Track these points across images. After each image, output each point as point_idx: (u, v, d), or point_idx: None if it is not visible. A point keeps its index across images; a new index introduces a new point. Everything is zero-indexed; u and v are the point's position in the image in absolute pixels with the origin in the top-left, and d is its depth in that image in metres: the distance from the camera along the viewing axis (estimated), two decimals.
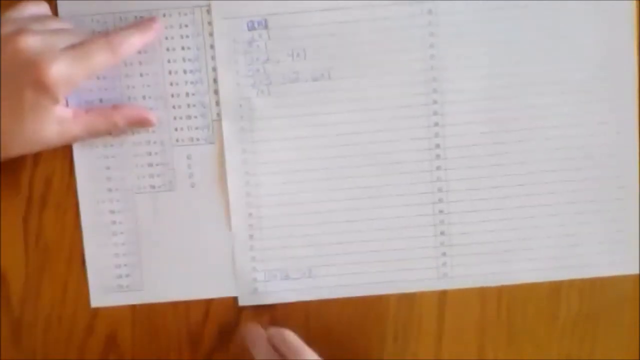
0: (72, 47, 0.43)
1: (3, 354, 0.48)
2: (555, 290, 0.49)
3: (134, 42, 0.45)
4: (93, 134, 0.46)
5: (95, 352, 0.49)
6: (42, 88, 0.41)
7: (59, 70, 0.41)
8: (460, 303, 0.49)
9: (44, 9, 0.46)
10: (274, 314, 0.49)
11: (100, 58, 0.43)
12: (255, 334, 0.45)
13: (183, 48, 0.47)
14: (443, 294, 0.49)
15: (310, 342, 0.44)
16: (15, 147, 0.43)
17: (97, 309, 0.49)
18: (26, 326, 0.49)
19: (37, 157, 0.48)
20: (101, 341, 0.49)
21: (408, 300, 0.49)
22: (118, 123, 0.46)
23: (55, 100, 0.42)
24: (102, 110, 0.46)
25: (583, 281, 0.49)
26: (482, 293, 0.49)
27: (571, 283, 0.49)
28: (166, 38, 0.47)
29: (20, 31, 0.41)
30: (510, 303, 0.50)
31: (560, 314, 0.50)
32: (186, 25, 0.47)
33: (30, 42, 0.41)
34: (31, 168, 0.48)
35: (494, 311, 0.50)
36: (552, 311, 0.50)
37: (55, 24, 0.45)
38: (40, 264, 0.49)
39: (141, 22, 0.47)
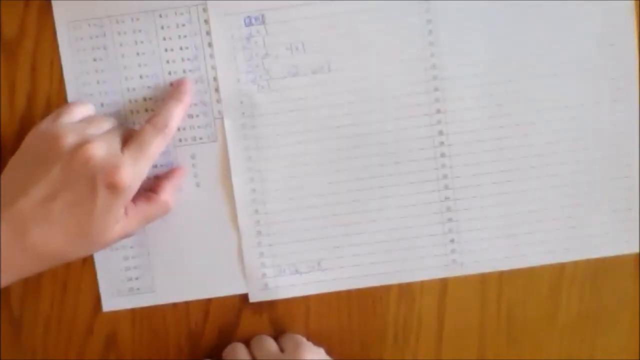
0: (128, 145, 0.44)
1: (3, 354, 0.49)
2: (555, 290, 0.49)
3: (176, 113, 0.46)
4: (147, 223, 0.47)
5: (95, 352, 0.49)
6: (117, 190, 0.42)
7: (128, 170, 0.42)
8: (460, 303, 0.49)
9: (90, 109, 0.47)
10: (273, 314, 0.49)
11: (155, 144, 0.44)
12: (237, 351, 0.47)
13: (181, 48, 0.47)
14: (443, 294, 0.49)
15: (310, 340, 0.44)
16: (77, 252, 0.44)
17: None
18: (26, 326, 0.49)
19: None
20: (101, 341, 0.49)
21: (408, 300, 0.49)
22: (169, 202, 0.47)
23: (126, 200, 0.43)
24: (147, 196, 0.46)
25: (583, 281, 0.49)
26: (483, 293, 0.49)
27: (571, 283, 0.49)
28: (164, 39, 0.47)
29: (84, 141, 0.42)
30: (510, 303, 0.50)
31: (560, 314, 0.50)
32: (183, 25, 0.47)
33: (96, 151, 0.42)
34: None
35: (494, 311, 0.50)
36: (552, 311, 0.50)
37: (105, 123, 0.45)
38: None
39: (173, 90, 0.47)
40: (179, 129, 0.48)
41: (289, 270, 0.49)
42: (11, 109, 0.48)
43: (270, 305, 0.49)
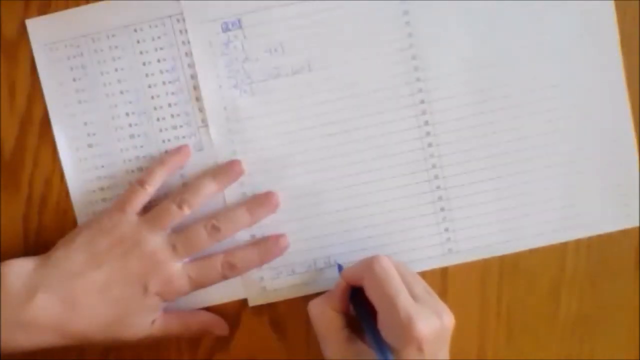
0: (192, 266, 0.46)
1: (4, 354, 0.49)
2: (555, 290, 0.49)
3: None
4: (167, 337, 0.47)
5: (96, 352, 0.50)
6: (168, 282, 0.45)
7: (182, 284, 0.45)
8: (460, 303, 0.49)
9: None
10: (274, 313, 0.49)
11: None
12: (330, 318, 0.44)
13: (159, 60, 0.48)
14: (443, 294, 0.49)
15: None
16: (104, 339, 0.45)
17: None
18: None
19: (37, 157, 0.48)
20: None
21: None
22: (192, 329, 0.48)
23: (171, 298, 0.46)
24: (181, 316, 0.48)
25: (583, 281, 0.49)
26: (483, 292, 0.49)
27: (571, 283, 0.49)
28: (140, 53, 0.47)
29: (154, 251, 0.45)
30: (510, 303, 0.49)
31: (560, 314, 0.49)
32: (159, 37, 0.47)
33: (151, 244, 0.45)
34: (31, 168, 0.48)
35: (494, 311, 0.49)
36: (552, 311, 0.49)
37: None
38: None
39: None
40: (164, 141, 0.48)
41: (285, 272, 0.49)
42: (11, 109, 0.48)
43: (270, 306, 0.49)
